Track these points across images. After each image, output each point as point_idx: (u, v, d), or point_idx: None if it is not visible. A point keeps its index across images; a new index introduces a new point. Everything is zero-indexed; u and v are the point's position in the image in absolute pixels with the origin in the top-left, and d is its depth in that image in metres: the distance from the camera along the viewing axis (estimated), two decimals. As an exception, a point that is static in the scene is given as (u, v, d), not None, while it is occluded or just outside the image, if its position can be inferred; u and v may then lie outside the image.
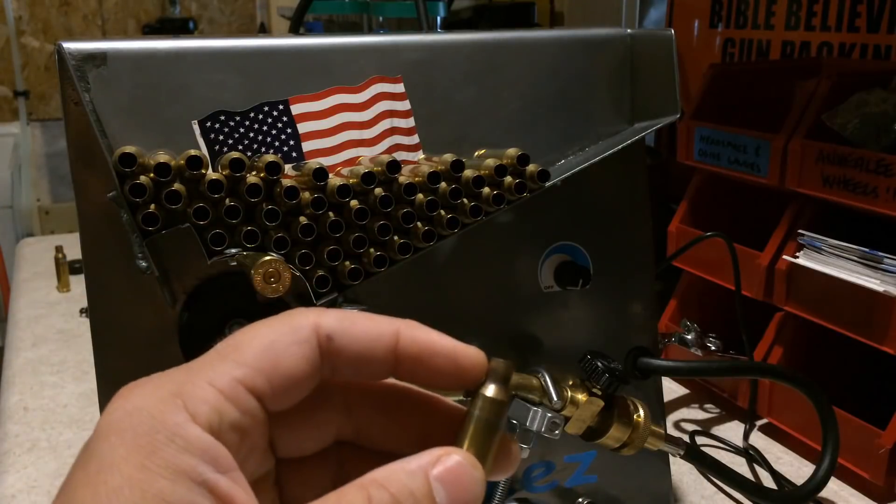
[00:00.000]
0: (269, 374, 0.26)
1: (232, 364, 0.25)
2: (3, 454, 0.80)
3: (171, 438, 0.23)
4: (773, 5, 1.11)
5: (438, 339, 0.28)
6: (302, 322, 0.27)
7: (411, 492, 0.25)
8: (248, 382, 0.25)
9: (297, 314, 0.27)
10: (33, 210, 3.14)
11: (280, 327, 0.27)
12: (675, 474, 0.75)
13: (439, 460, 0.26)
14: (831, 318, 0.76)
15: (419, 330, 0.28)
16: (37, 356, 1.01)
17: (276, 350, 0.26)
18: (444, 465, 0.26)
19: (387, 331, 0.28)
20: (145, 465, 0.22)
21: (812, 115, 0.80)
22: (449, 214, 0.52)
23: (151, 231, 0.46)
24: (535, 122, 0.57)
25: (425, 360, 0.28)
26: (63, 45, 0.46)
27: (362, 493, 0.24)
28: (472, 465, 0.26)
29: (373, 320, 0.28)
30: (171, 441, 0.23)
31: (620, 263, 0.62)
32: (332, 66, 0.52)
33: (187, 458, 0.23)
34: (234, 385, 0.25)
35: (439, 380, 0.28)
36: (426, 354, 0.28)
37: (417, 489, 0.25)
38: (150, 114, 0.48)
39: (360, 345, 0.27)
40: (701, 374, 0.88)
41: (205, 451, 0.23)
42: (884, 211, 0.71)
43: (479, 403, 0.28)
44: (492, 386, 0.28)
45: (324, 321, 0.27)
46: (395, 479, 0.25)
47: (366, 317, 0.28)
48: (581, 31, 0.59)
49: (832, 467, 0.62)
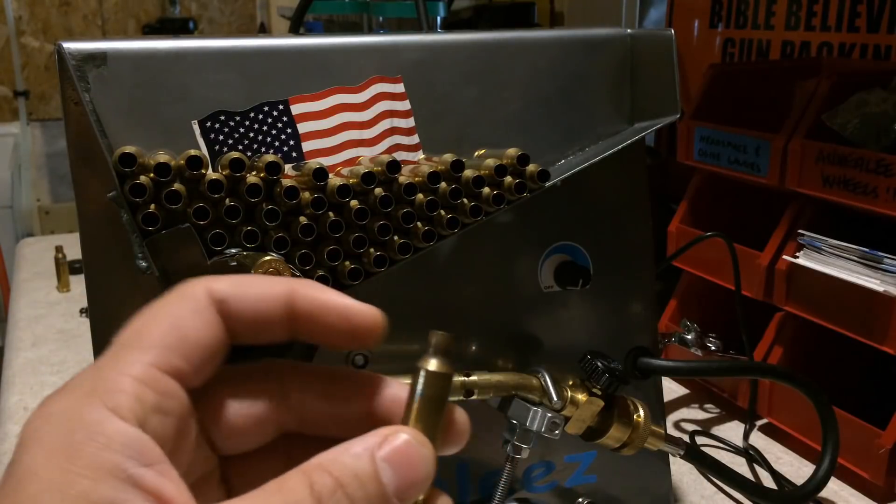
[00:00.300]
0: (180, 349, 0.25)
1: (139, 350, 0.25)
2: (3, 454, 0.80)
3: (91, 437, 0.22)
4: (773, 5, 1.11)
5: (333, 296, 0.28)
6: (195, 291, 0.26)
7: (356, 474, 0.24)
8: (162, 363, 0.25)
9: (187, 285, 0.27)
10: (33, 210, 3.14)
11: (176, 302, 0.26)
12: (675, 474, 0.75)
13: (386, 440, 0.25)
14: (831, 318, 0.76)
15: (315, 289, 0.28)
16: (37, 356, 1.01)
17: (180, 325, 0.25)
18: (390, 444, 0.25)
19: (281, 290, 0.27)
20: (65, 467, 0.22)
21: (812, 115, 0.80)
22: (449, 214, 0.52)
23: (151, 231, 0.46)
24: (535, 122, 0.57)
25: (319, 317, 0.27)
26: (63, 45, 0.46)
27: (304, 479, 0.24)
28: (421, 442, 0.26)
29: (267, 281, 0.28)
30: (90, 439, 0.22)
31: (620, 263, 0.62)
32: (332, 66, 0.52)
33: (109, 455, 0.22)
34: (148, 369, 0.24)
35: (335, 338, 0.28)
36: (319, 312, 0.27)
37: (362, 471, 0.24)
38: (150, 114, 0.48)
39: (255, 306, 0.27)
40: (701, 374, 0.88)
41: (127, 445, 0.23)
42: (884, 211, 0.71)
43: (421, 379, 0.27)
44: (433, 360, 0.27)
45: (216, 286, 0.27)
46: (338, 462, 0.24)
47: (260, 279, 0.28)
48: (581, 31, 0.59)
49: (832, 467, 0.62)
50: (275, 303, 0.27)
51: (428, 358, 0.27)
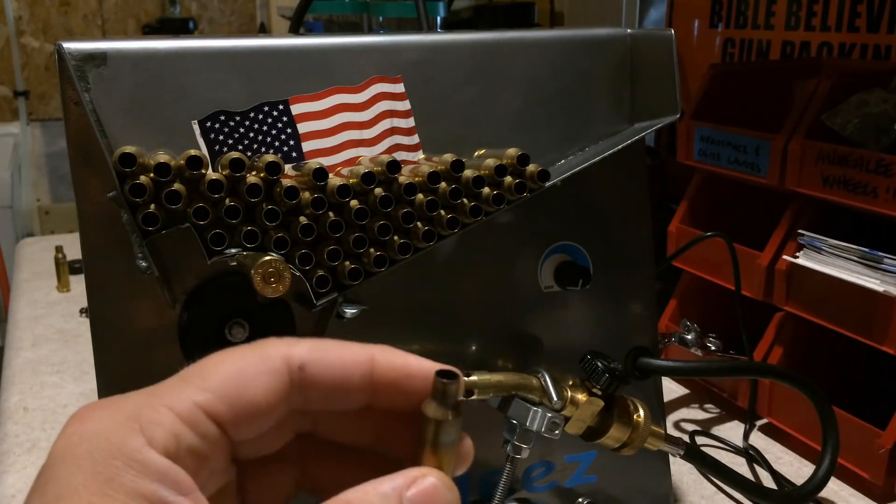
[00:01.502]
0: (233, 401, 0.25)
1: (194, 389, 0.25)
2: (3, 454, 0.80)
3: (129, 464, 0.23)
4: (773, 5, 1.11)
5: (415, 362, 0.28)
6: (272, 352, 0.26)
7: None
8: (209, 408, 0.25)
9: (268, 343, 0.27)
10: (33, 210, 3.14)
11: (249, 356, 0.26)
12: (675, 474, 0.75)
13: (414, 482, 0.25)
14: (831, 318, 0.76)
15: (394, 355, 0.28)
16: (37, 356, 1.01)
17: (243, 378, 0.26)
18: (418, 487, 0.25)
19: (361, 358, 0.27)
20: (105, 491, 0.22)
21: (812, 115, 0.80)
22: (449, 214, 0.52)
23: (151, 231, 0.46)
24: (535, 122, 0.57)
25: (402, 384, 0.27)
26: (63, 45, 0.46)
27: None
28: (447, 486, 0.26)
29: (346, 348, 0.27)
30: (129, 466, 0.23)
31: (620, 263, 0.62)
32: (332, 66, 0.52)
33: (146, 483, 0.23)
34: (194, 410, 0.25)
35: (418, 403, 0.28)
36: (403, 379, 0.27)
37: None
38: (150, 114, 0.48)
39: (335, 374, 0.27)
40: (701, 374, 0.88)
41: (164, 475, 0.23)
42: (884, 211, 0.71)
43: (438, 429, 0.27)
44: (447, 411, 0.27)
45: (295, 351, 0.27)
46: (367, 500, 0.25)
47: (339, 344, 0.28)
48: (581, 31, 0.59)
49: (832, 467, 0.62)
50: (356, 370, 0.27)
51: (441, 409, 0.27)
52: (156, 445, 0.23)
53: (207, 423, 0.25)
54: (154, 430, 0.24)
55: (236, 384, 0.25)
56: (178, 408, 0.24)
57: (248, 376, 0.26)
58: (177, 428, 0.24)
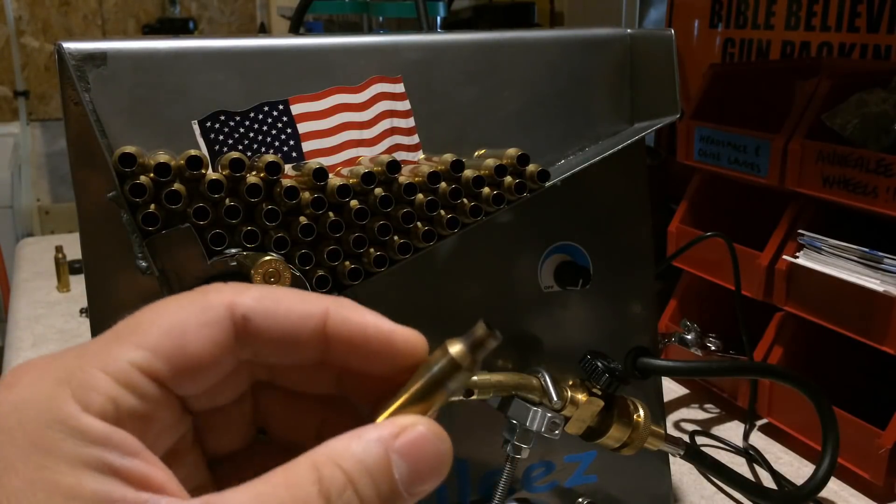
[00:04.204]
0: (173, 358, 0.23)
1: (129, 347, 0.23)
2: (3, 454, 0.80)
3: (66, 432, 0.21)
4: (773, 5, 1.11)
5: (373, 319, 0.25)
6: (214, 301, 0.24)
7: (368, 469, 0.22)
8: (147, 367, 0.23)
9: (210, 291, 0.25)
10: (33, 210, 3.14)
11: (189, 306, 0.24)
12: (675, 474, 0.75)
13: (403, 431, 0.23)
14: (831, 318, 0.76)
15: (351, 310, 0.25)
16: (37, 356, 1.01)
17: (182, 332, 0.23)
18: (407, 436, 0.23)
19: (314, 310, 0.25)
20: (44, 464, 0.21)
21: (812, 115, 0.80)
22: (449, 214, 0.52)
23: (151, 231, 0.46)
24: (535, 122, 0.57)
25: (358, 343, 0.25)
26: (63, 45, 0.46)
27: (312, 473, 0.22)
28: (439, 436, 0.24)
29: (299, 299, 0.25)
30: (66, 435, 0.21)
31: (620, 263, 0.62)
32: (332, 66, 0.52)
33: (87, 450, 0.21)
34: (130, 371, 0.23)
35: (372, 363, 0.25)
36: (359, 338, 0.25)
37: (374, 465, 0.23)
38: (150, 114, 0.48)
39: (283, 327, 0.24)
40: (701, 374, 0.88)
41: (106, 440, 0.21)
42: (884, 211, 0.71)
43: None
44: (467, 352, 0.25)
45: (241, 300, 0.24)
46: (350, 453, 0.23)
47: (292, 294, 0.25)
48: (581, 31, 0.59)
49: (832, 467, 0.62)
50: (306, 324, 0.25)
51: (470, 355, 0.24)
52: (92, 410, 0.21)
53: (146, 382, 0.23)
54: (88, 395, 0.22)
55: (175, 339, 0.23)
56: (112, 368, 0.22)
57: (187, 330, 0.23)
58: (113, 391, 0.22)
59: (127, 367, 0.23)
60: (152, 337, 0.23)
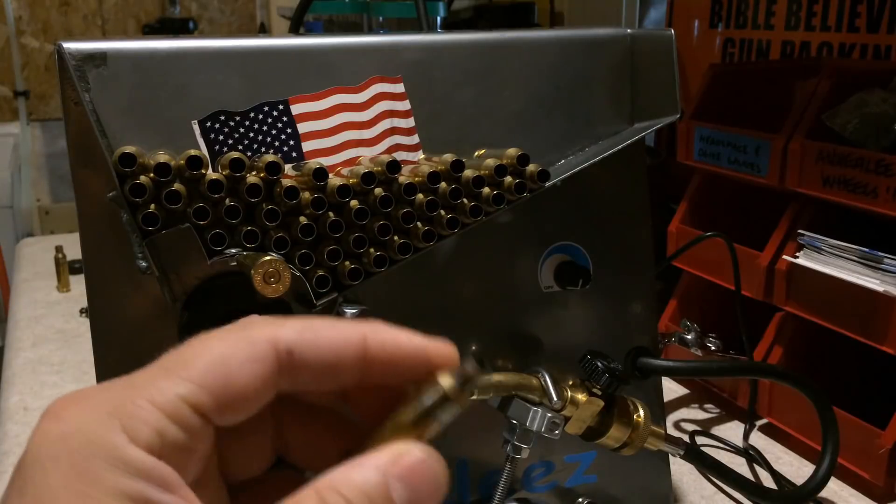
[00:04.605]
0: (218, 392, 0.24)
1: (177, 380, 0.24)
2: (3, 454, 0.80)
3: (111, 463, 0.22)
4: (773, 5, 1.11)
5: (406, 339, 0.27)
6: (258, 336, 0.25)
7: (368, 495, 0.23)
8: (194, 400, 0.24)
9: (253, 326, 0.26)
10: (33, 210, 3.14)
11: (234, 341, 0.25)
12: (675, 474, 0.74)
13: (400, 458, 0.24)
14: (831, 318, 0.76)
15: (386, 332, 0.27)
16: (37, 356, 1.01)
17: (228, 367, 0.24)
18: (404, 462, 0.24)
19: (353, 337, 0.26)
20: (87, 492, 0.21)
21: (812, 115, 0.80)
22: (449, 214, 0.52)
23: (151, 231, 0.46)
24: (535, 122, 0.57)
25: (396, 363, 0.26)
26: (63, 45, 0.46)
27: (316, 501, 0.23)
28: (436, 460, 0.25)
29: (336, 329, 0.26)
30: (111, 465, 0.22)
31: (620, 263, 0.62)
32: (332, 66, 0.52)
33: (130, 482, 0.22)
34: (178, 404, 0.23)
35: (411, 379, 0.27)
36: (397, 357, 0.26)
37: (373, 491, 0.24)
38: (150, 114, 0.48)
39: (325, 357, 0.26)
40: (701, 374, 0.88)
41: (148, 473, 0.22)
42: (884, 211, 0.71)
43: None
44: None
45: (282, 334, 0.25)
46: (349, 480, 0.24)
47: (328, 325, 0.26)
48: (581, 31, 0.59)
49: (832, 467, 0.62)
50: (347, 352, 0.26)
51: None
52: (139, 443, 0.22)
53: (192, 416, 0.24)
54: (136, 427, 0.22)
55: (221, 374, 0.24)
56: (161, 401, 0.23)
57: (233, 365, 0.24)
58: (160, 423, 0.23)
59: (175, 400, 0.23)
60: (198, 371, 0.24)
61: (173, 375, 0.24)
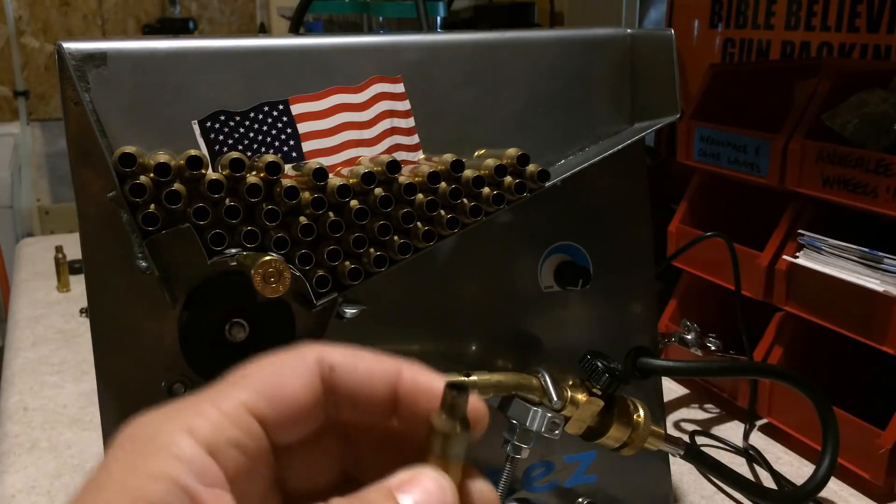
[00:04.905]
0: (271, 398, 0.26)
1: (237, 389, 0.26)
2: (3, 454, 0.80)
3: (161, 446, 0.24)
4: (773, 5, 1.11)
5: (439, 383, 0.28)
6: (307, 354, 0.28)
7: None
8: (251, 405, 0.26)
9: (304, 346, 0.28)
10: (33, 210, 3.14)
11: (286, 357, 0.28)
12: (675, 474, 0.75)
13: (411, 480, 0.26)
14: (831, 318, 0.76)
15: (420, 373, 0.28)
16: (37, 356, 1.01)
17: (280, 376, 0.27)
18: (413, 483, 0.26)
19: (389, 370, 0.28)
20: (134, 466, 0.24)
21: (812, 115, 0.80)
22: (449, 214, 0.52)
23: (151, 231, 0.46)
24: (535, 122, 0.57)
25: (424, 403, 0.28)
26: (63, 45, 0.46)
27: None
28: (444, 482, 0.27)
29: (376, 359, 0.28)
30: (160, 449, 0.24)
31: (620, 263, 0.62)
32: (332, 66, 0.52)
33: (174, 465, 0.24)
34: (238, 407, 0.26)
35: None
36: (425, 398, 0.28)
37: None
38: (150, 114, 0.48)
39: (362, 382, 0.28)
40: (701, 374, 0.88)
41: (191, 462, 0.24)
42: (884, 211, 0.71)
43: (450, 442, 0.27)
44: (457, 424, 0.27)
45: (328, 354, 0.28)
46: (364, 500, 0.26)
47: (370, 356, 0.29)
48: (581, 31, 0.59)
49: (832, 467, 0.62)
50: (381, 379, 0.28)
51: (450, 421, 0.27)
52: (196, 436, 0.25)
53: (250, 420, 0.26)
54: (196, 421, 0.25)
55: (275, 383, 0.27)
56: (224, 405, 0.26)
57: (285, 374, 0.27)
58: (220, 422, 0.25)
59: (237, 404, 0.26)
60: (254, 381, 0.27)
61: (237, 385, 0.27)
